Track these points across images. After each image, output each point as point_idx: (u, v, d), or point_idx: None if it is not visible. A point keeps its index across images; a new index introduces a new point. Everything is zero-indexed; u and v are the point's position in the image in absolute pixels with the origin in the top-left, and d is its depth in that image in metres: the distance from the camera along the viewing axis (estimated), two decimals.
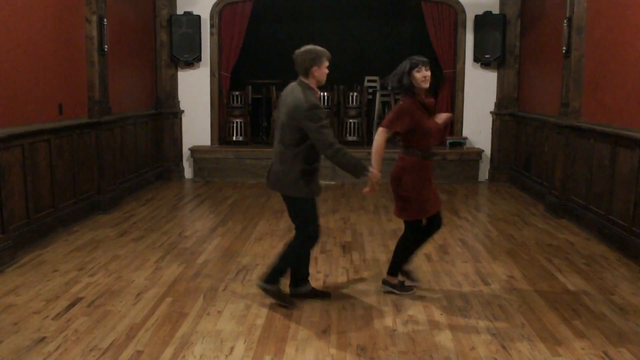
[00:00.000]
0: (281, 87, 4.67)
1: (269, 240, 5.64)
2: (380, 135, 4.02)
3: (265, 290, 4.05)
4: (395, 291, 4.26)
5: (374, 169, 3.93)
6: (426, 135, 4.06)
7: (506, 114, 8.77)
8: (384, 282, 4.32)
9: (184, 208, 7.24)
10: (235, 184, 8.58)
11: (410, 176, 4.05)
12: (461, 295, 4.25)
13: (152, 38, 8.73)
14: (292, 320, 3.81)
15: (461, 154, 8.78)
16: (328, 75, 4.00)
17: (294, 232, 4.08)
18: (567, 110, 6.49)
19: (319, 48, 3.92)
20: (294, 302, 4.08)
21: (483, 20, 8.64)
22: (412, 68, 3.99)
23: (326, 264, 4.96)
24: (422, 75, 3.98)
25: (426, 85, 4.02)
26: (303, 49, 3.92)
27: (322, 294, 4.23)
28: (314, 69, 3.88)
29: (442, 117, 4.32)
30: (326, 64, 3.93)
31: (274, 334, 3.62)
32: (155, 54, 8.83)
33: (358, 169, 3.89)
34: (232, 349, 3.42)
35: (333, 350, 3.41)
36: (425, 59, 4.04)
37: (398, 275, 4.32)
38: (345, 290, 4.36)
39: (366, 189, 3.98)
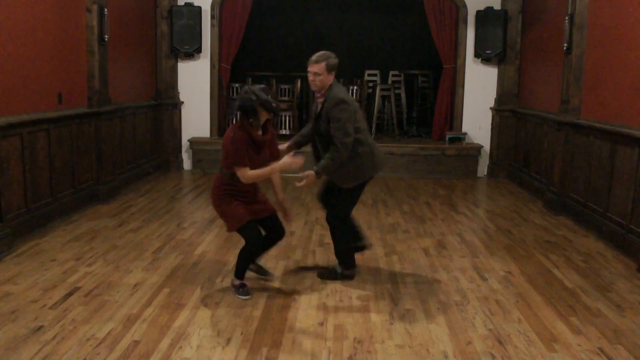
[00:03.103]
0: (281, 79, 4.66)
1: None
2: None
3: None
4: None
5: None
6: None
7: (506, 110, 8.76)
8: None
9: (182, 199, 7.24)
10: None
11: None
12: (458, 290, 4.27)
13: (153, 29, 8.70)
14: (289, 313, 3.82)
15: (460, 150, 8.78)
16: None
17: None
18: (567, 107, 6.48)
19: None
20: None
21: (484, 16, 8.62)
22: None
23: (324, 257, 4.96)
24: None
25: None
26: None
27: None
28: None
29: None
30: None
31: (271, 326, 3.63)
32: (156, 44, 8.80)
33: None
34: (229, 340, 3.43)
35: (330, 343, 3.42)
36: None
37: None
38: (342, 283, 4.37)
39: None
